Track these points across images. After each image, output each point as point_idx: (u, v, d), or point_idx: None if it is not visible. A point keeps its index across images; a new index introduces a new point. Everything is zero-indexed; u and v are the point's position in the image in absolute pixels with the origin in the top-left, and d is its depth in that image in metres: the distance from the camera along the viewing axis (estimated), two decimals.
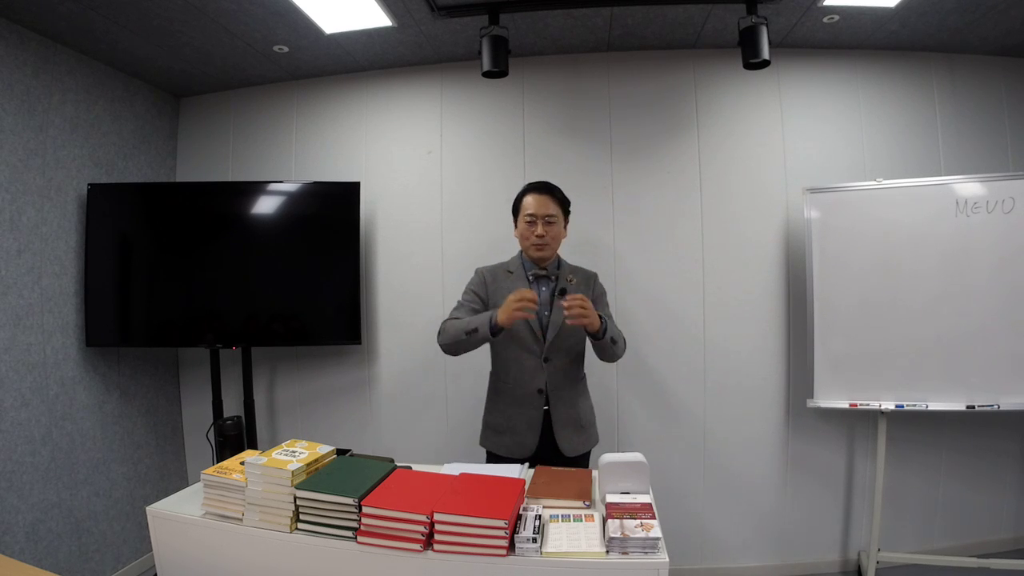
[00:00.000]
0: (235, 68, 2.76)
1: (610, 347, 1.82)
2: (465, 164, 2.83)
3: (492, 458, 1.95)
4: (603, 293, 2.02)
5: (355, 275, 2.69)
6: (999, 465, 2.65)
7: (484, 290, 1.96)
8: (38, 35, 2.31)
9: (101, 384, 2.59)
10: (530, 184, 1.98)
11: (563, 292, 1.87)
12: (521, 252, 2.00)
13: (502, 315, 1.68)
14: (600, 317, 1.75)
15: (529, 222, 1.90)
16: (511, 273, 1.97)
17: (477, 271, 2.02)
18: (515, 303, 1.65)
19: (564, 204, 1.96)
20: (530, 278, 1.94)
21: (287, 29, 2.40)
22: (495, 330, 1.72)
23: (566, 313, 1.67)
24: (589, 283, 2.00)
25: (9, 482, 2.15)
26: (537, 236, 1.88)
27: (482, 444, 2.00)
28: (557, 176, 2.73)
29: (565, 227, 1.99)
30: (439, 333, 1.88)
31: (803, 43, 2.65)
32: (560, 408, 1.90)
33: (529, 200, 1.92)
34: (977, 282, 2.32)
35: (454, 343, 1.81)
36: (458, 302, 1.97)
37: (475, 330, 1.75)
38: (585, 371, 2.04)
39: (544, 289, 1.93)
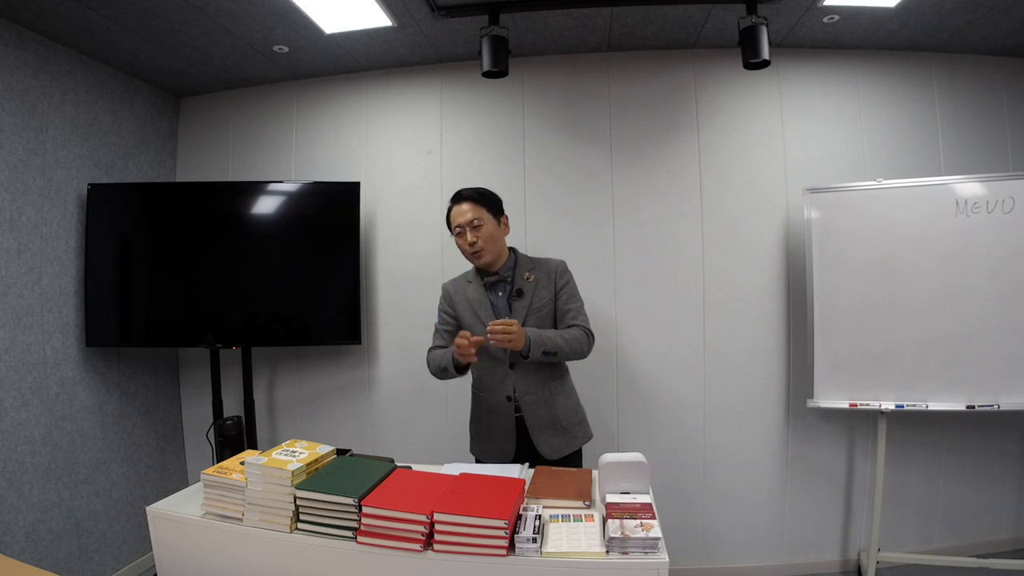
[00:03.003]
0: (235, 68, 2.76)
1: (551, 360, 1.78)
2: (465, 164, 2.83)
3: (481, 463, 1.95)
4: (568, 283, 1.92)
5: (355, 275, 2.69)
6: (999, 465, 2.65)
7: (450, 305, 1.97)
8: (38, 35, 2.31)
9: (101, 384, 2.59)
10: (452, 198, 1.92)
11: (520, 293, 1.86)
12: None
13: (458, 355, 1.75)
14: (529, 338, 1.70)
15: (458, 234, 1.87)
16: (470, 283, 1.95)
17: (442, 287, 2.03)
18: (458, 349, 1.71)
19: (488, 202, 1.88)
20: (485, 286, 1.91)
21: (287, 29, 2.40)
22: (459, 368, 1.82)
23: (491, 342, 1.67)
24: (551, 276, 1.91)
25: (9, 482, 2.15)
26: (469, 245, 1.84)
27: (471, 451, 2.02)
28: (557, 176, 2.77)
29: (501, 223, 1.91)
30: (427, 363, 1.96)
31: (803, 43, 2.65)
32: (533, 412, 1.85)
33: (453, 211, 1.89)
34: (977, 282, 2.32)
35: (439, 377, 1.91)
36: (435, 327, 2.01)
37: (446, 369, 1.85)
38: (567, 371, 1.98)
39: (500, 294, 1.90)
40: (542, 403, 1.86)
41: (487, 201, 1.89)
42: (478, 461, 1.96)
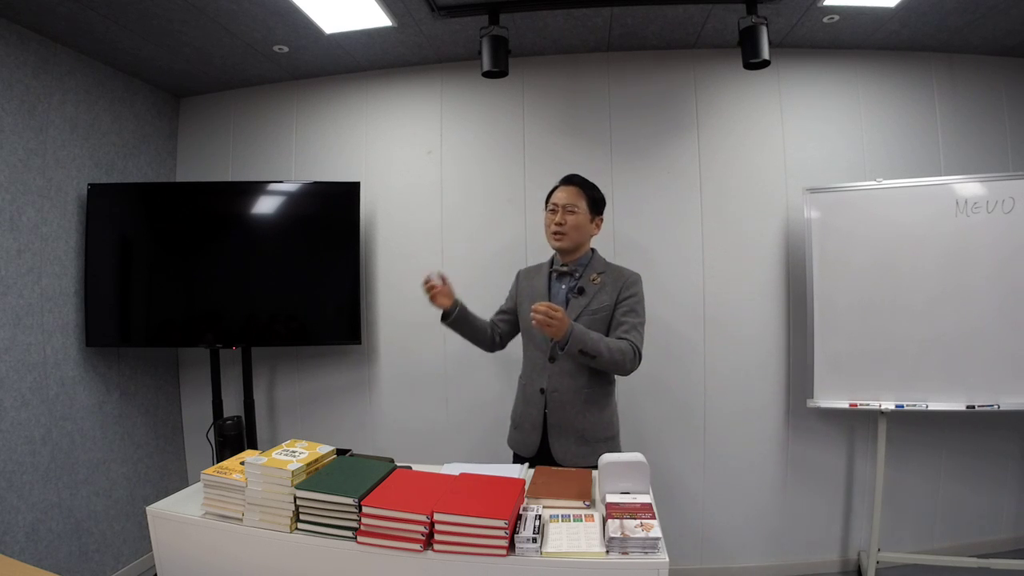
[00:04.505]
0: (235, 68, 2.76)
1: (589, 362, 1.72)
2: (465, 164, 2.83)
3: (515, 456, 1.95)
4: (631, 296, 1.85)
5: (355, 275, 2.69)
6: (999, 465, 2.65)
7: (516, 288, 2.03)
8: (38, 35, 2.31)
9: (101, 384, 2.59)
10: (561, 178, 1.96)
11: (581, 291, 1.85)
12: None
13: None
14: (571, 330, 1.64)
15: (551, 211, 1.90)
16: (539, 272, 1.98)
17: (518, 272, 2.08)
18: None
19: (591, 197, 1.90)
20: (552, 275, 1.92)
21: (287, 29, 2.40)
22: (445, 315, 1.92)
23: (532, 323, 1.63)
24: (618, 284, 1.86)
25: (9, 482, 2.15)
26: (556, 224, 1.85)
27: (507, 441, 2.02)
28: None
29: (594, 222, 1.92)
30: None
31: (803, 43, 2.65)
32: (559, 413, 1.83)
33: (554, 191, 1.93)
34: (977, 282, 2.32)
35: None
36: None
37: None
38: (610, 385, 1.91)
39: (563, 287, 1.90)
40: (570, 406, 1.83)
41: (590, 194, 1.91)
42: (515, 456, 1.96)
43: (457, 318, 1.91)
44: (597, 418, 1.86)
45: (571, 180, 1.92)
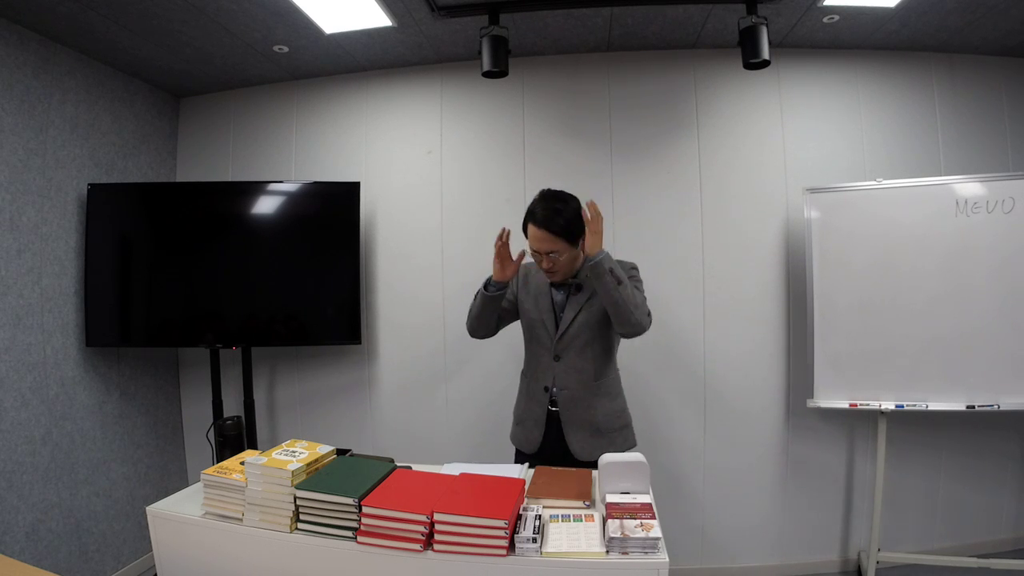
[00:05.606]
0: (235, 68, 2.76)
1: (613, 289, 1.68)
2: (465, 164, 2.83)
3: (517, 453, 1.95)
4: (631, 278, 1.87)
5: (355, 275, 2.69)
6: (999, 465, 2.65)
7: (516, 283, 1.97)
8: (38, 35, 2.31)
9: (101, 384, 2.59)
10: (533, 210, 1.77)
11: (579, 288, 1.86)
12: None
13: (494, 270, 1.80)
14: (603, 251, 1.69)
15: (534, 252, 1.80)
16: (540, 271, 1.93)
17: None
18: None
19: (569, 235, 1.75)
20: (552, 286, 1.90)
21: (287, 29, 2.40)
22: (487, 283, 1.82)
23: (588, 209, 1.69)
24: None
25: (9, 482, 2.15)
26: (545, 268, 1.81)
27: (509, 436, 2.01)
28: (557, 176, 2.74)
29: (580, 245, 1.81)
30: (468, 316, 1.94)
31: (803, 43, 2.65)
32: (570, 409, 1.84)
33: (531, 232, 1.78)
34: (977, 282, 2.32)
35: (471, 316, 1.90)
36: None
37: (478, 292, 1.85)
38: (616, 373, 1.94)
39: (561, 291, 1.90)
40: (581, 401, 1.84)
41: (568, 234, 1.75)
42: (517, 452, 1.96)
43: (499, 296, 1.84)
44: (608, 408, 1.88)
45: (545, 223, 1.73)
